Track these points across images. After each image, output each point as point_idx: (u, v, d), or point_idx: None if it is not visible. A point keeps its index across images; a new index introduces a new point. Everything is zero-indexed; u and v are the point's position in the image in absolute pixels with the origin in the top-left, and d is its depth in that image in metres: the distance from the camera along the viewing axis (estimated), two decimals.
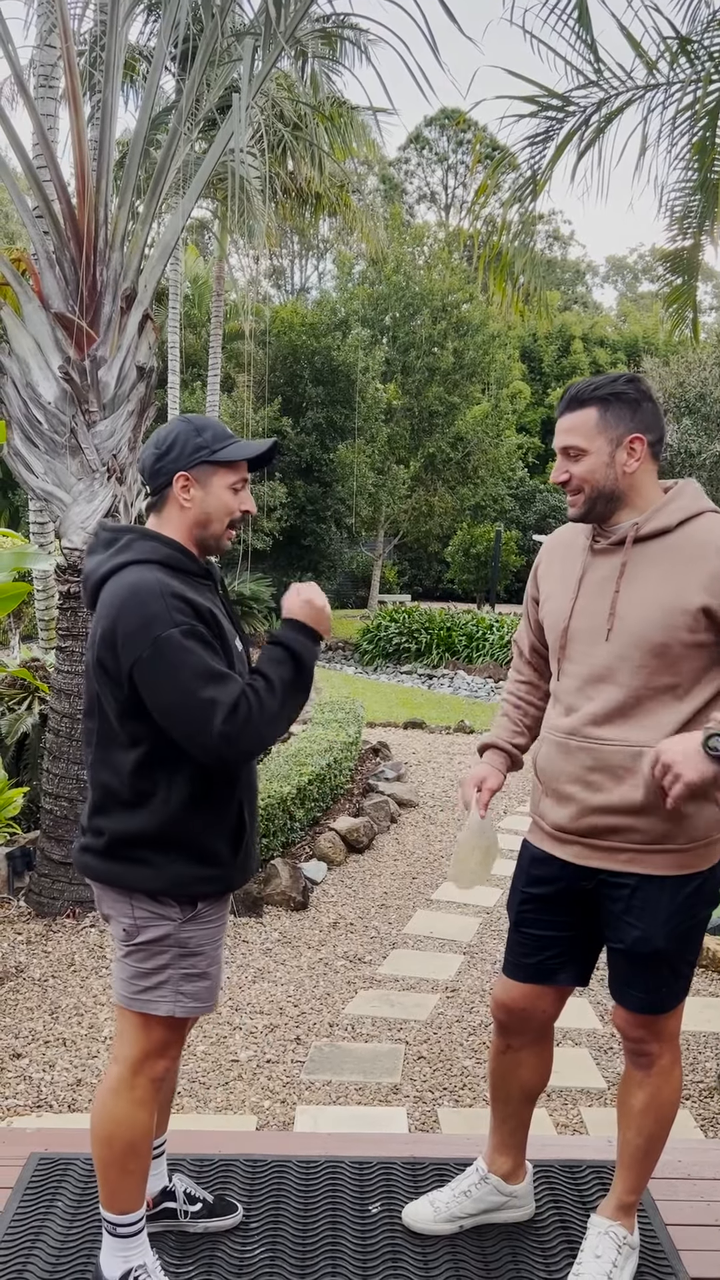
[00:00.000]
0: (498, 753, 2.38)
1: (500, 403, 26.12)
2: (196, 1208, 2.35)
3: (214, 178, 12.00)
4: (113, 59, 4.90)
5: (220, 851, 2.01)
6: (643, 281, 50.41)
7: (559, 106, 5.19)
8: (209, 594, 2.03)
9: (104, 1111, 2.03)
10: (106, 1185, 2.04)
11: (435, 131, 37.71)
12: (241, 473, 2.03)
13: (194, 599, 1.91)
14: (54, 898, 5.03)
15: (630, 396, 2.05)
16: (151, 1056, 2.05)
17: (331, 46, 10.02)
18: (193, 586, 1.96)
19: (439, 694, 14.62)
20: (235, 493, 2.02)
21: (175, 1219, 2.35)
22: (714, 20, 5.06)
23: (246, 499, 2.05)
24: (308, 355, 23.48)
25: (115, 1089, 2.03)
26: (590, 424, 2.05)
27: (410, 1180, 2.57)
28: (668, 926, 2.06)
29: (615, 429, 2.05)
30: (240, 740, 1.86)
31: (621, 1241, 2.23)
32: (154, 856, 1.97)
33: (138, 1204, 2.07)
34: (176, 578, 1.94)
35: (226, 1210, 2.39)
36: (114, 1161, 2.02)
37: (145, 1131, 2.03)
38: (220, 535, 2.03)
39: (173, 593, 1.88)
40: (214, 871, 2.01)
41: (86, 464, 4.97)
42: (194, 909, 2.02)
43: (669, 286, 7.54)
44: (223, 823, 2.01)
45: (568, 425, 2.08)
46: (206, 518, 2.00)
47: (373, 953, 4.82)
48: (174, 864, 1.98)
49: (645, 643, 2.01)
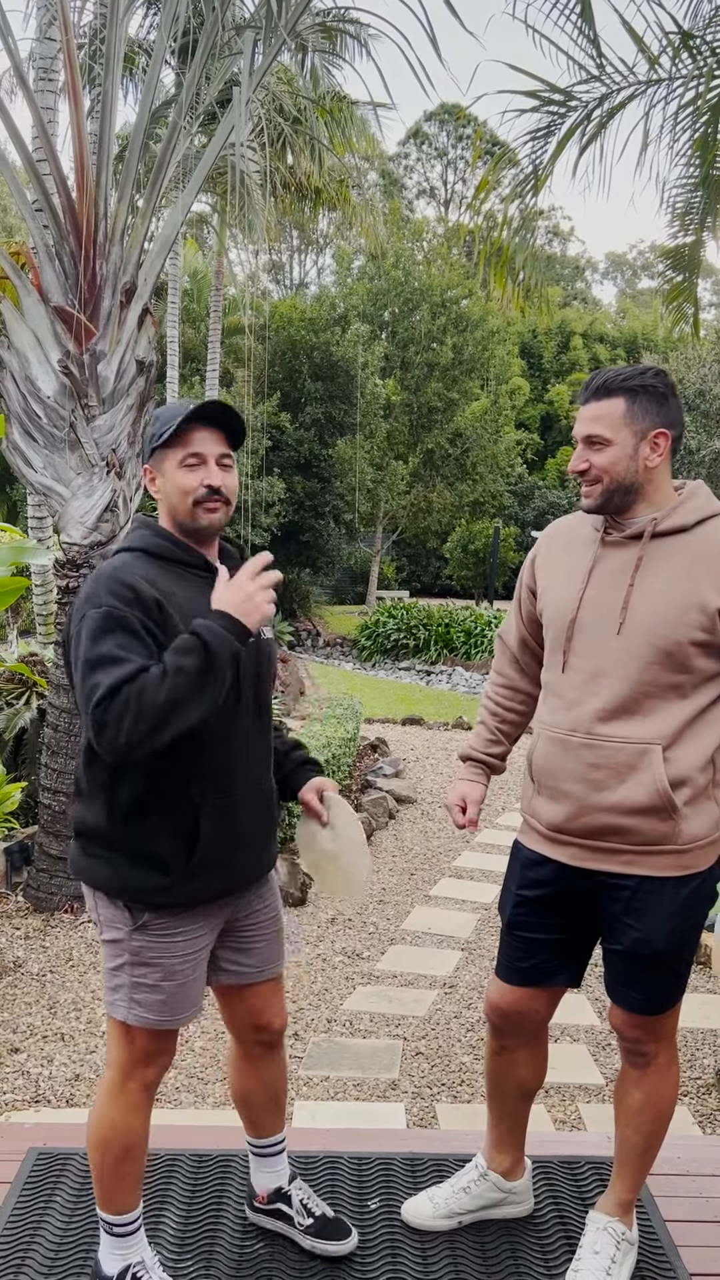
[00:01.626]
0: (476, 765, 2.40)
1: (499, 399, 26.10)
2: (309, 1221, 2.28)
3: (214, 172, 11.97)
4: (113, 52, 4.88)
5: (168, 861, 1.89)
6: (642, 278, 50.36)
7: (561, 102, 5.18)
8: (190, 583, 1.92)
9: (98, 1115, 2.02)
10: (101, 1186, 2.03)
11: (435, 126, 37.62)
12: (189, 447, 1.90)
13: (145, 587, 1.83)
14: (52, 893, 5.03)
15: (658, 390, 2.03)
16: (137, 1063, 1.99)
17: (332, 40, 10.00)
18: (173, 574, 1.91)
19: (437, 690, 14.62)
20: (190, 469, 1.91)
21: (288, 1223, 2.30)
22: (716, 15, 5.05)
23: (206, 473, 1.91)
24: (307, 350, 23.43)
25: (109, 1093, 2.01)
26: (617, 414, 2.02)
27: (409, 1176, 2.57)
28: (667, 928, 2.05)
29: (641, 422, 2.02)
30: (109, 728, 1.73)
31: (620, 1238, 2.23)
32: (105, 854, 1.92)
33: (133, 1204, 2.06)
34: (155, 564, 1.90)
35: (339, 1234, 2.26)
36: (109, 1165, 2.01)
37: (139, 1136, 2.01)
38: (189, 516, 1.92)
39: (121, 579, 1.82)
40: (161, 881, 1.89)
41: (86, 458, 4.96)
42: (142, 918, 1.92)
43: (669, 283, 7.53)
44: (171, 829, 1.89)
45: (593, 414, 2.04)
46: (171, 504, 1.94)
47: (371, 948, 4.82)
48: (120, 867, 1.90)
49: (656, 638, 1.99)
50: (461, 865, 6.20)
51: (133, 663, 1.76)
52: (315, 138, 12.33)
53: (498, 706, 2.39)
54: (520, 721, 2.39)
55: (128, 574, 1.84)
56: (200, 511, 1.92)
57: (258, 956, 2.15)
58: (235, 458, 1.98)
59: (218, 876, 1.95)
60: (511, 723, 2.39)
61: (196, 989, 2.01)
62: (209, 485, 1.91)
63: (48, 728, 5.14)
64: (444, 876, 5.97)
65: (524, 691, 2.37)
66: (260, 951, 2.15)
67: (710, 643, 2.00)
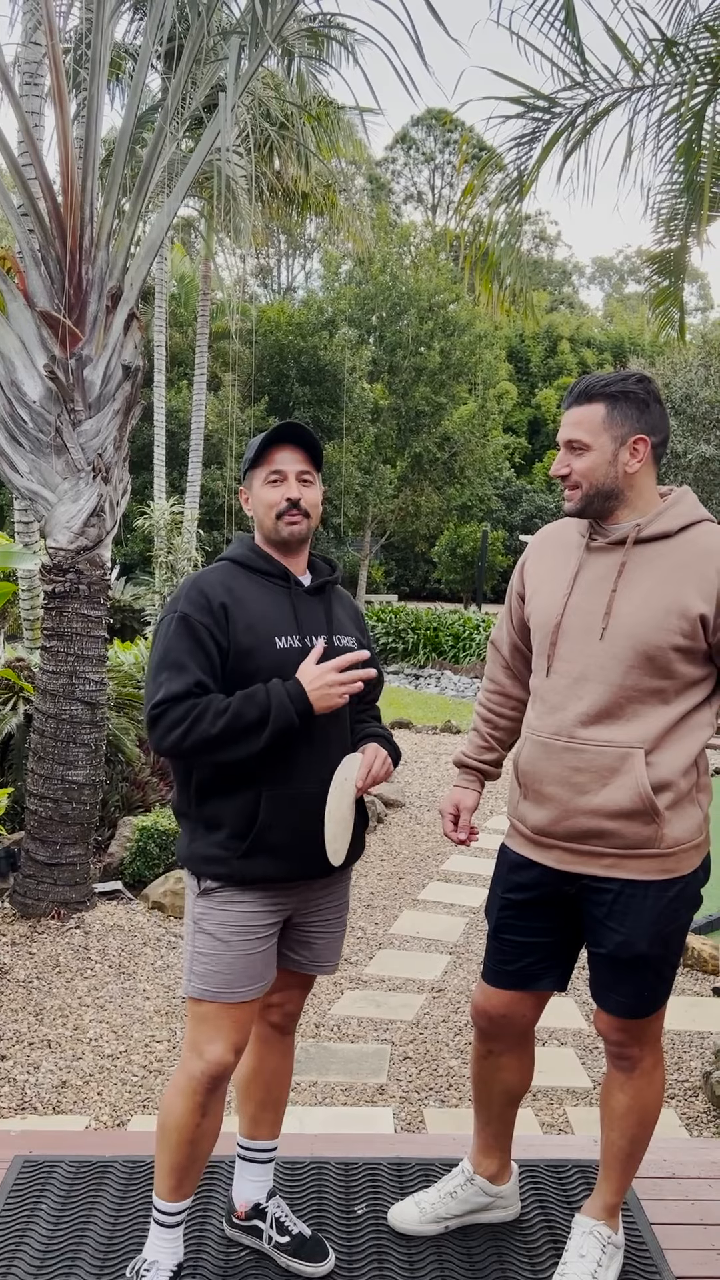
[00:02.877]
0: (469, 772, 2.42)
1: (487, 403, 26.18)
2: (285, 1240, 2.27)
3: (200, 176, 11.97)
4: (98, 57, 4.88)
5: (228, 839, 2.02)
6: (629, 282, 50.59)
7: (545, 108, 5.19)
8: (268, 590, 2.09)
9: (165, 1092, 2.12)
10: (155, 1158, 2.12)
11: (422, 132, 37.74)
12: (271, 465, 2.10)
13: (217, 593, 2.02)
14: (39, 899, 5.01)
15: (639, 396, 2.04)
16: (192, 1047, 2.05)
17: (318, 46, 10.02)
18: (255, 582, 2.09)
19: (426, 694, 14.63)
20: (273, 485, 2.09)
21: (265, 1241, 2.29)
22: (700, 23, 5.07)
23: (287, 488, 2.09)
24: (294, 355, 23.46)
25: (176, 1071, 2.10)
26: (597, 420, 2.04)
27: (396, 1181, 2.57)
28: (651, 931, 2.06)
29: (621, 427, 2.04)
30: (158, 729, 1.96)
31: (606, 1241, 2.23)
32: (186, 829, 2.11)
33: (170, 1194, 2.09)
34: (242, 573, 2.10)
35: (316, 1255, 2.25)
36: (157, 1142, 2.10)
37: (176, 1121, 2.05)
38: (274, 529, 2.10)
39: (200, 587, 2.04)
40: (220, 854, 2.03)
41: (72, 463, 4.95)
42: (205, 884, 2.06)
43: (655, 288, 7.56)
44: (231, 811, 2.03)
45: (574, 419, 2.07)
46: (259, 518, 2.13)
47: (359, 953, 4.82)
48: (194, 839, 2.07)
49: (639, 644, 2.00)
50: (450, 869, 6.20)
51: (192, 674, 1.97)
52: (302, 142, 12.35)
53: (490, 713, 2.40)
54: (513, 728, 2.40)
55: (206, 582, 2.06)
56: (282, 524, 2.10)
57: (315, 951, 2.23)
58: (316, 476, 2.16)
59: (278, 861, 2.04)
60: (505, 729, 2.40)
61: (258, 968, 2.07)
62: (289, 499, 2.09)
63: (34, 733, 5.13)
64: (432, 880, 5.97)
65: (516, 698, 2.38)
66: (319, 948, 2.23)
67: (692, 648, 2.01)
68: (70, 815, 5.05)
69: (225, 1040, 2.04)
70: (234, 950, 2.04)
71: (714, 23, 4.89)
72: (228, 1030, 2.04)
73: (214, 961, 2.04)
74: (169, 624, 2.02)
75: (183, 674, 1.97)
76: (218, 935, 2.04)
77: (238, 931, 2.05)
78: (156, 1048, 3.79)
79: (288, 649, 2.04)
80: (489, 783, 2.40)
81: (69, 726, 5.04)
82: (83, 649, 5.06)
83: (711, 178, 5.46)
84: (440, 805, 2.42)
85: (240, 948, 2.05)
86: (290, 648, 2.05)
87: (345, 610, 2.24)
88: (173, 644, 2.00)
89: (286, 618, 2.07)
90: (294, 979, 2.27)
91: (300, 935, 2.20)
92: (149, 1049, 3.78)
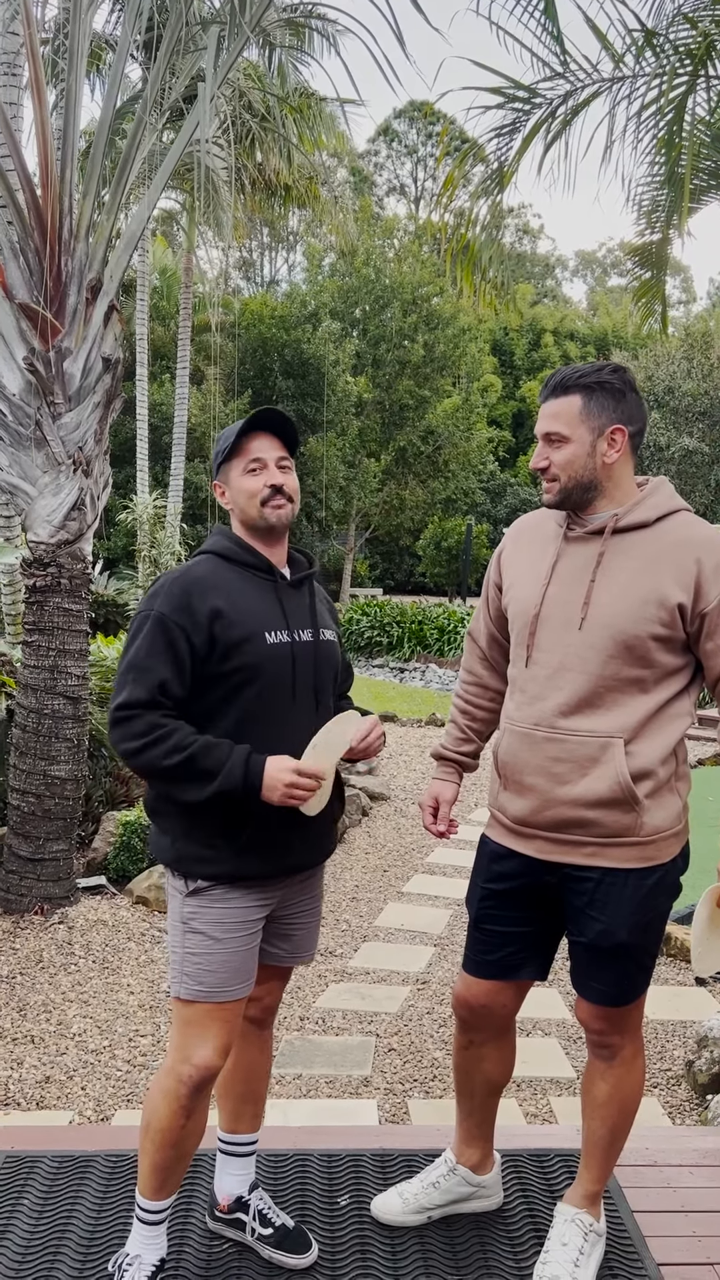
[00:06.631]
0: (448, 764, 2.43)
1: (471, 396, 26.19)
2: (268, 1232, 2.27)
3: (181, 168, 11.91)
4: (76, 47, 4.84)
5: (217, 839, 2.00)
6: (612, 275, 50.65)
7: (525, 98, 5.19)
8: (253, 583, 2.07)
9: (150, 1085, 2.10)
10: (138, 1158, 2.10)
11: (404, 124, 37.67)
12: (249, 454, 2.07)
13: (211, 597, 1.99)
14: (22, 894, 4.99)
15: (614, 386, 2.05)
16: (179, 1049, 2.03)
17: (299, 37, 9.96)
18: (241, 576, 2.07)
19: (411, 687, 14.64)
20: (253, 474, 2.07)
21: (248, 1234, 2.29)
22: (679, 14, 5.07)
23: (269, 475, 2.07)
24: (277, 348, 23.40)
25: (159, 1071, 2.08)
26: (573, 411, 2.05)
27: (379, 1172, 2.58)
28: (631, 919, 2.07)
29: (598, 418, 2.04)
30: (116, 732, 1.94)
31: (588, 1229, 2.24)
32: (166, 830, 2.06)
33: (149, 1191, 2.08)
34: (226, 566, 2.08)
35: (299, 1246, 2.25)
36: (141, 1142, 2.08)
37: (161, 1123, 2.03)
38: (259, 516, 2.07)
39: (185, 586, 2.00)
40: (210, 854, 2.01)
41: (52, 456, 4.92)
42: (194, 884, 2.03)
43: (638, 280, 7.58)
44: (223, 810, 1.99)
45: (551, 411, 2.07)
46: (241, 510, 2.10)
47: (344, 946, 4.82)
48: (177, 840, 2.04)
49: (617, 633, 2.01)
50: (434, 861, 6.21)
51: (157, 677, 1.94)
52: (283, 134, 12.30)
53: (468, 704, 2.41)
54: (491, 719, 2.40)
55: (190, 580, 2.01)
56: (268, 510, 2.07)
57: (293, 943, 2.23)
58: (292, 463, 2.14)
59: (269, 858, 2.04)
60: (482, 720, 2.40)
61: (247, 964, 2.06)
62: (272, 485, 2.07)
63: (16, 728, 5.10)
64: (417, 873, 5.98)
65: (493, 689, 2.38)
66: (298, 939, 2.23)
67: (671, 637, 2.01)
68: (53, 810, 5.03)
69: (213, 1043, 2.03)
70: (227, 948, 2.03)
71: (694, 13, 4.89)
72: (216, 1031, 2.03)
73: (207, 961, 2.02)
74: (143, 622, 1.99)
75: (148, 677, 1.95)
76: (210, 934, 2.02)
77: (231, 929, 2.03)
78: (141, 1042, 3.79)
79: (277, 644, 2.03)
80: (471, 775, 2.41)
81: (51, 721, 5.02)
82: (65, 643, 5.04)
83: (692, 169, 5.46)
84: (420, 799, 2.42)
85: (232, 944, 2.04)
86: (280, 642, 2.04)
87: (323, 603, 2.25)
88: (143, 645, 1.97)
89: (274, 612, 2.06)
90: (273, 972, 2.26)
91: (280, 928, 2.20)
92: (133, 1044, 3.77)
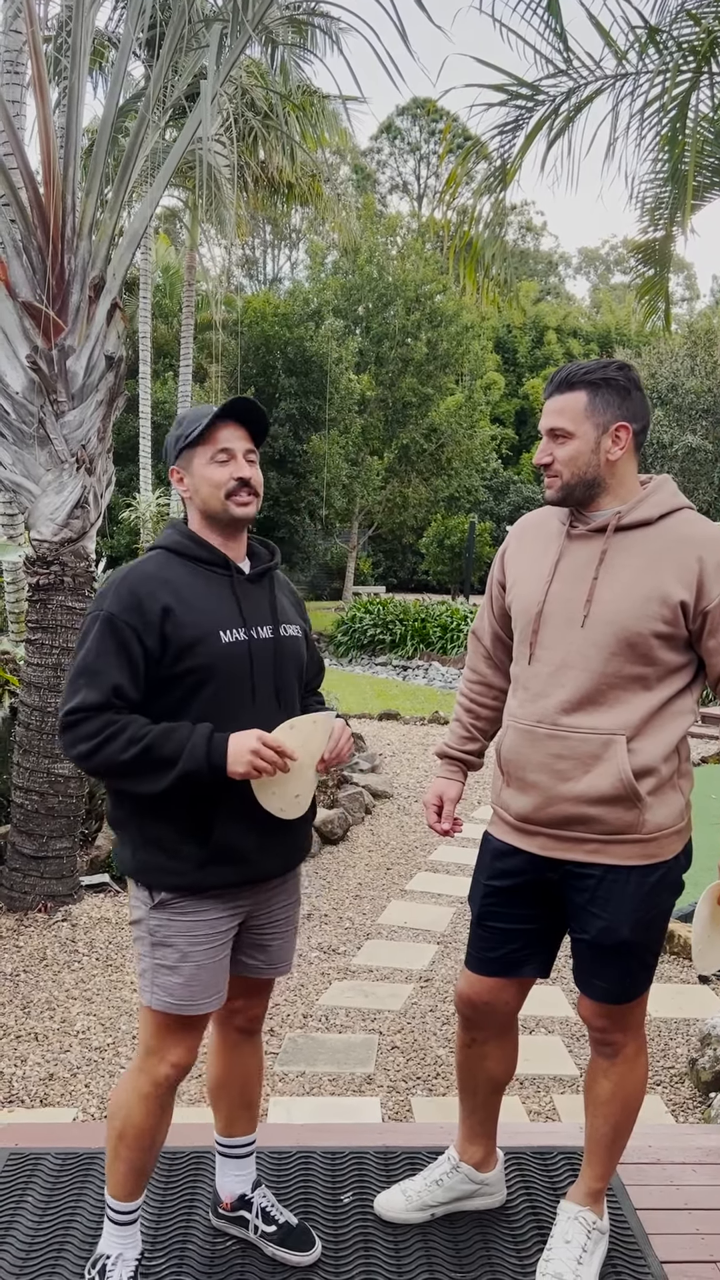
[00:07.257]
0: (452, 762, 2.43)
1: (474, 394, 26.15)
2: (271, 1229, 2.27)
3: (184, 166, 11.91)
4: (79, 45, 4.84)
5: (180, 848, 1.95)
6: (615, 273, 50.59)
7: (529, 95, 5.18)
8: (208, 580, 2.00)
9: (115, 1091, 2.08)
10: (107, 1164, 2.08)
11: (407, 121, 37.62)
12: (217, 444, 1.99)
13: (162, 595, 1.92)
14: (25, 892, 5.00)
15: (620, 384, 2.04)
16: (155, 1051, 2.02)
17: (301, 34, 9.94)
18: (195, 573, 2.00)
19: (413, 685, 14.63)
20: (220, 464, 1.99)
21: (252, 1231, 2.29)
22: (683, 10, 5.06)
23: (236, 467, 1.99)
24: (280, 346, 23.38)
25: (127, 1074, 2.07)
26: (579, 408, 2.04)
27: (382, 1169, 2.58)
28: (633, 917, 2.07)
29: (603, 415, 2.04)
30: (67, 736, 1.89)
31: (591, 1227, 2.24)
32: (127, 840, 2.01)
33: (124, 1193, 2.07)
34: (179, 562, 2.00)
35: (303, 1244, 2.25)
36: (109, 1142, 2.06)
37: (139, 1125, 2.02)
38: (223, 509, 2.00)
39: (132, 585, 1.93)
40: (174, 865, 1.96)
41: (55, 455, 4.92)
42: (159, 896, 1.98)
43: (641, 278, 7.56)
44: (185, 818, 1.95)
45: (556, 407, 2.07)
46: (202, 500, 2.02)
47: (347, 943, 4.82)
48: (138, 851, 1.98)
49: (620, 631, 2.01)
50: (438, 859, 6.21)
51: (109, 681, 1.88)
52: (286, 132, 12.28)
53: (472, 703, 2.41)
54: (495, 717, 2.40)
55: (138, 578, 1.94)
56: (233, 504, 2.00)
57: (270, 954, 2.18)
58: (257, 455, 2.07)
59: (235, 866, 1.98)
60: (486, 719, 2.40)
61: (218, 976, 2.03)
62: (238, 478, 1.99)
63: (20, 726, 5.11)
64: (420, 871, 5.98)
65: (497, 687, 2.38)
66: (275, 949, 2.19)
67: (673, 635, 2.01)
68: (56, 808, 5.04)
69: (186, 1043, 2.03)
70: (194, 961, 1.99)
71: (697, 10, 4.88)
72: (188, 1035, 2.03)
73: (176, 974, 1.99)
74: (93, 623, 1.92)
75: (101, 681, 1.88)
76: (178, 947, 1.99)
77: (198, 941, 1.99)
78: None
79: (233, 642, 1.96)
80: (474, 773, 2.41)
81: (54, 719, 5.02)
82: (68, 641, 5.04)
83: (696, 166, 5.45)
84: (424, 798, 2.42)
85: (200, 957, 2.00)
86: (236, 640, 1.97)
87: (287, 597, 2.18)
88: (94, 647, 1.90)
89: (230, 610, 1.99)
90: (252, 984, 2.22)
91: (254, 938, 2.15)
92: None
